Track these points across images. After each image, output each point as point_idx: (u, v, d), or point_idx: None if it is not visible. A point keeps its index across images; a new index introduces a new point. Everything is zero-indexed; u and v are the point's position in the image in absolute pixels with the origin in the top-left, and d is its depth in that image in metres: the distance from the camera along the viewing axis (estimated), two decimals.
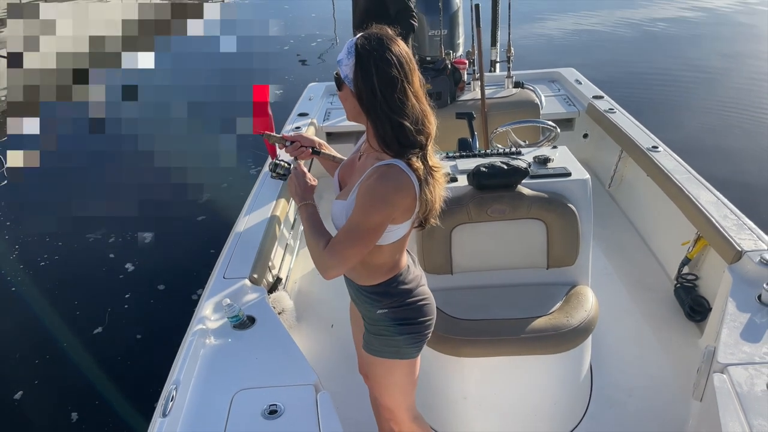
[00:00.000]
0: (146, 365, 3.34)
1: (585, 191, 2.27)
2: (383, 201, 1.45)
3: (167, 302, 3.90)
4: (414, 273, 1.72)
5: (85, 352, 3.51)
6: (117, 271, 4.26)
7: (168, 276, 4.16)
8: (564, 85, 4.61)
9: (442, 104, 3.63)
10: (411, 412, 1.87)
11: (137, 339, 3.59)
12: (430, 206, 1.52)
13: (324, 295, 3.12)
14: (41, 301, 3.98)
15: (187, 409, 1.70)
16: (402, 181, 1.46)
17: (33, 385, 3.31)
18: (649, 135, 3.52)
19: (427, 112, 1.48)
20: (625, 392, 2.43)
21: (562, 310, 2.15)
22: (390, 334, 1.68)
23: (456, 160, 2.49)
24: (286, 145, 1.82)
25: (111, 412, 3.06)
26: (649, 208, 3.47)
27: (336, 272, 1.53)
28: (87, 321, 3.76)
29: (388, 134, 1.45)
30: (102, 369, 3.34)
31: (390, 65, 1.40)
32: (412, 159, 1.46)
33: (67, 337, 3.64)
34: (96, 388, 3.23)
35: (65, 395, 3.23)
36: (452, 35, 4.40)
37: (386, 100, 1.41)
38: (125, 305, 3.91)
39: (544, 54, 9.30)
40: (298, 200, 1.67)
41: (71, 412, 3.11)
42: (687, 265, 2.88)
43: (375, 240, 1.50)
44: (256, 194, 3.09)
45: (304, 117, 4.08)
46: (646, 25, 11.51)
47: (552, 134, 2.91)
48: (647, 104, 6.81)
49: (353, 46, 1.43)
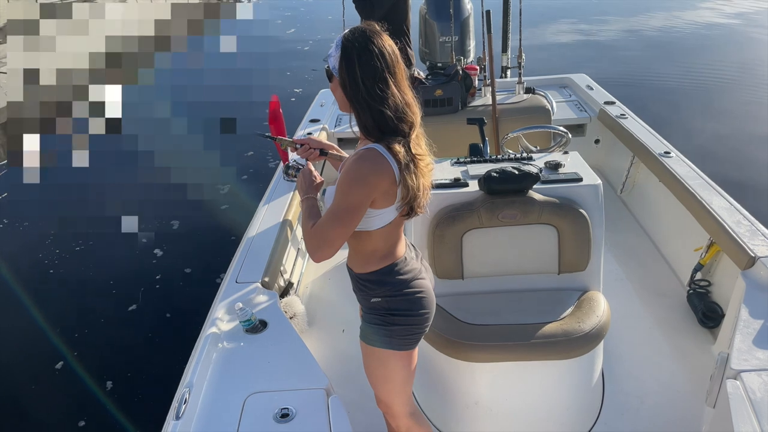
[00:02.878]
0: (159, 366, 3.37)
1: (596, 196, 2.27)
2: (359, 180, 1.51)
3: (179, 304, 3.93)
4: (412, 265, 1.73)
5: (97, 353, 3.56)
6: (128, 274, 4.31)
7: (179, 280, 4.20)
8: (575, 91, 4.60)
9: (453, 110, 3.64)
10: (407, 407, 1.88)
11: (150, 339, 3.63)
12: (413, 193, 1.56)
13: (335, 300, 3.13)
14: (52, 300, 4.05)
15: (200, 412, 1.72)
16: (378, 162, 1.52)
17: (45, 382, 3.35)
18: (661, 140, 3.51)
19: (409, 103, 1.56)
20: (637, 399, 2.41)
21: (573, 316, 2.15)
22: (383, 323, 1.70)
23: (467, 165, 2.49)
24: (297, 148, 1.89)
25: (124, 412, 3.10)
26: (661, 213, 3.46)
27: (321, 253, 1.56)
28: (101, 321, 3.83)
29: (368, 122, 1.54)
30: (114, 371, 3.38)
31: (371, 56, 1.49)
32: (393, 144, 1.52)
33: (81, 334, 3.72)
34: (109, 389, 3.27)
35: (77, 396, 3.26)
36: (463, 41, 4.41)
37: (367, 88, 1.50)
38: (135, 306, 3.95)
39: (555, 60, 9.31)
40: (302, 194, 1.75)
41: (83, 413, 3.14)
42: (700, 271, 2.87)
43: (355, 220, 1.55)
44: (268, 198, 3.12)
45: (316, 123, 4.11)
46: (659, 32, 11.49)
47: (563, 140, 2.91)
48: (659, 110, 6.79)
49: (340, 40, 1.54)
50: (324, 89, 4.85)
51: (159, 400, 2.79)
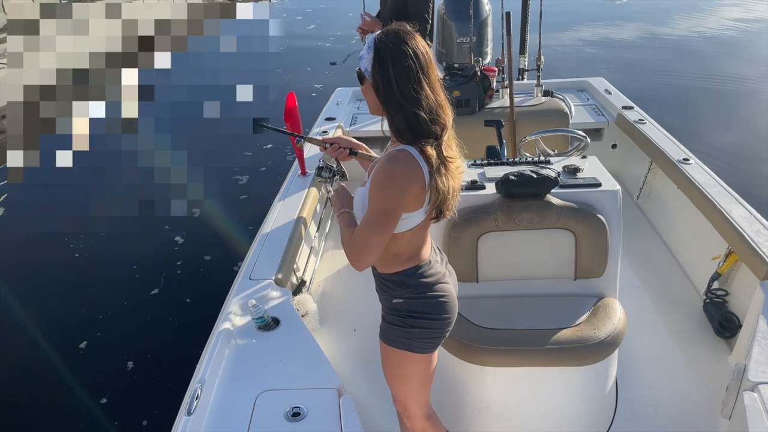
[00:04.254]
0: (178, 347, 3.45)
1: (615, 202, 2.24)
2: (391, 183, 1.50)
3: (198, 289, 4.03)
4: (436, 269, 1.72)
5: (119, 333, 3.67)
6: (151, 260, 4.41)
7: (199, 266, 4.31)
8: (593, 95, 4.57)
9: (471, 111, 3.62)
10: (423, 409, 1.87)
11: (170, 323, 3.74)
12: (442, 196, 1.54)
13: (347, 299, 3.13)
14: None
15: (211, 408, 1.72)
16: (409, 164, 1.50)
17: (69, 360, 3.45)
18: (680, 147, 3.47)
19: (442, 104, 1.53)
20: (650, 408, 2.38)
21: (589, 322, 2.13)
22: (403, 325, 1.70)
23: (484, 167, 2.48)
24: (326, 147, 1.88)
25: (144, 389, 3.22)
26: (678, 220, 3.42)
27: (363, 261, 1.56)
28: (124, 303, 3.93)
29: (402, 124, 1.51)
30: (136, 350, 3.49)
31: (406, 57, 1.46)
32: (425, 146, 1.50)
33: (105, 316, 3.82)
34: (129, 368, 3.37)
35: (100, 373, 3.35)
36: (481, 42, 4.38)
37: (401, 90, 1.47)
38: (157, 290, 4.06)
39: (572, 63, 9.24)
40: (337, 210, 1.76)
41: (105, 390, 3.24)
42: (717, 281, 2.83)
43: (392, 225, 1.54)
44: (283, 194, 3.12)
45: (332, 121, 4.11)
46: (681, 38, 11.36)
47: (581, 144, 2.89)
48: (679, 116, 6.72)
49: (372, 41, 1.51)
50: (340, 87, 4.85)
51: (176, 375, 3.05)
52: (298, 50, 11.33)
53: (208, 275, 4.17)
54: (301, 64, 10.37)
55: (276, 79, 9.44)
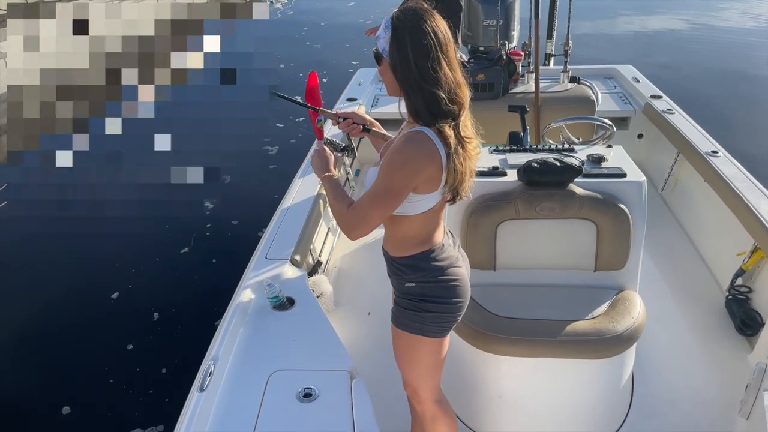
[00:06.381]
0: (194, 315, 3.62)
1: (640, 193, 2.19)
2: (404, 163, 1.47)
3: (224, 251, 4.28)
4: (449, 253, 1.70)
5: (149, 288, 3.94)
6: (183, 222, 4.71)
7: (226, 230, 4.61)
8: (621, 83, 4.46)
9: (495, 96, 3.56)
10: (434, 394, 1.86)
11: (195, 281, 3.99)
12: (459, 178, 1.51)
13: (362, 281, 3.12)
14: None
15: (223, 386, 1.72)
16: (426, 146, 1.47)
17: (101, 310, 3.74)
18: (708, 139, 3.38)
19: (461, 83, 1.50)
20: (667, 403, 2.35)
21: (607, 315, 2.09)
22: (415, 309, 1.68)
23: (506, 153, 2.43)
24: (339, 122, 1.85)
25: (167, 340, 3.44)
26: (703, 214, 3.34)
27: (358, 232, 1.55)
28: (156, 260, 4.24)
29: (420, 104, 1.48)
30: (161, 303, 3.74)
31: (424, 35, 1.42)
32: (444, 127, 1.47)
33: (137, 270, 4.13)
34: (155, 319, 3.63)
35: (128, 323, 3.60)
36: (508, 26, 4.29)
37: (419, 69, 1.44)
38: (187, 249, 4.36)
39: (601, 49, 9.05)
40: (320, 174, 1.73)
41: (132, 338, 3.47)
42: (741, 277, 2.77)
43: (395, 203, 1.52)
44: (304, 171, 3.12)
45: (353, 102, 4.07)
46: (722, 28, 11.03)
47: (607, 132, 2.82)
48: (710, 108, 6.57)
49: (390, 20, 1.48)
50: (363, 68, 4.80)
51: (197, 328, 3.41)
52: (338, 27, 11.59)
53: (233, 238, 4.47)
54: (341, 40, 10.64)
55: (315, 55, 9.91)
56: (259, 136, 6.30)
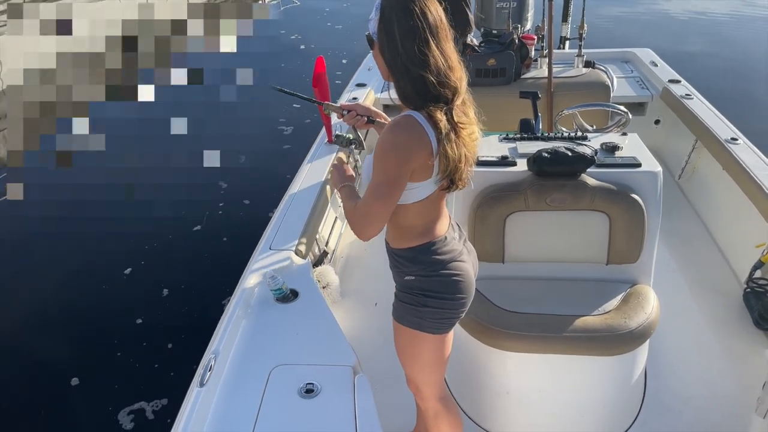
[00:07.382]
0: (202, 292, 3.70)
1: (655, 184, 2.11)
2: (392, 150, 1.43)
3: (235, 230, 4.37)
4: (452, 246, 1.64)
5: (160, 263, 4.04)
6: (197, 201, 4.79)
7: (238, 210, 4.70)
8: (638, 67, 4.35)
9: (506, 81, 3.47)
10: (437, 391, 1.82)
11: (205, 258, 4.08)
12: (453, 164, 1.45)
13: (370, 272, 3.08)
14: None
15: (224, 381, 1.69)
16: (413, 131, 1.42)
17: (114, 283, 3.85)
18: (728, 126, 3.27)
19: (453, 66, 1.44)
20: (681, 400, 2.29)
21: (619, 310, 2.02)
22: (415, 303, 1.64)
23: (516, 142, 2.36)
24: (343, 114, 1.81)
25: (168, 328, 3.44)
26: (722, 204, 3.24)
27: (367, 231, 1.53)
28: (169, 237, 4.35)
29: (407, 88, 1.44)
30: (173, 279, 3.84)
31: (411, 15, 1.38)
32: (434, 111, 1.42)
33: (150, 246, 4.23)
34: (165, 295, 3.71)
35: (139, 297, 3.68)
36: (521, 8, 4.18)
37: (406, 51, 1.40)
38: (199, 227, 4.45)
39: (619, 33, 8.85)
40: (337, 186, 1.72)
41: (142, 311, 3.54)
42: (760, 269, 2.68)
43: (396, 194, 1.48)
44: (311, 157, 3.07)
45: (363, 87, 4.00)
46: (740, 11, 10.73)
47: (622, 120, 2.73)
48: (731, 94, 6.39)
49: (379, 2, 1.44)
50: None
51: (204, 305, 3.53)
52: (357, 12, 11.55)
53: (244, 217, 4.57)
54: (362, 25, 10.48)
55: (333, 39, 9.95)
56: (273, 118, 6.38)
